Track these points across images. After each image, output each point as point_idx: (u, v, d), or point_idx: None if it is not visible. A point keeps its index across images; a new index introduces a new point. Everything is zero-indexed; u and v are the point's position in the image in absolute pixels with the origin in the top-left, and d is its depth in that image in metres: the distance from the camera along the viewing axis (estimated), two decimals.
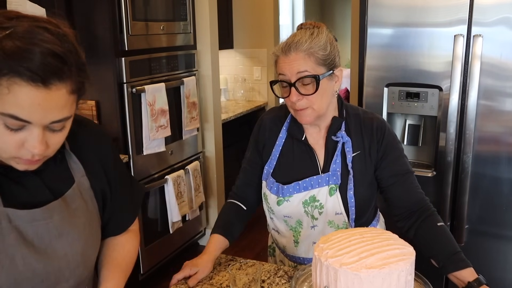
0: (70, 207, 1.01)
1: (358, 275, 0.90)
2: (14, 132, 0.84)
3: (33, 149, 0.86)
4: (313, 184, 1.37)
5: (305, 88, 1.29)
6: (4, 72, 0.79)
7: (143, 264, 2.82)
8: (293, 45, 1.27)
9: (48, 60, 0.80)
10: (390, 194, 1.39)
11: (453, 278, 1.24)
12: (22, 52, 0.79)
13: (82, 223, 1.04)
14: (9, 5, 1.95)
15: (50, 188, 1.00)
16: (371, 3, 2.14)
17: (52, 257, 0.97)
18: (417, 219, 1.34)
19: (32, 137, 0.85)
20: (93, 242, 1.10)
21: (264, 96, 4.24)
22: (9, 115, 0.81)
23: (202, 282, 1.32)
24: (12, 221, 0.92)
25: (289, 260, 1.50)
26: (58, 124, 0.88)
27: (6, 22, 0.82)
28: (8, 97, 0.80)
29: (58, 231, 0.98)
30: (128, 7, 2.51)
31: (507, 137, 2.02)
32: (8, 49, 0.79)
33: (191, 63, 3.12)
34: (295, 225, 1.42)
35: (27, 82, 0.79)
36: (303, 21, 1.40)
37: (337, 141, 1.38)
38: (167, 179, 2.87)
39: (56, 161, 1.01)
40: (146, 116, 2.65)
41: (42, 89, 0.81)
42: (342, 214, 1.37)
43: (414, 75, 2.13)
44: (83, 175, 1.06)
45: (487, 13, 1.95)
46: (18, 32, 0.80)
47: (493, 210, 2.10)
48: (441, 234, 1.30)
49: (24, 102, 0.81)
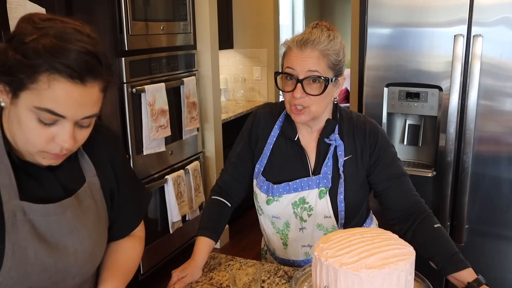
0: (82, 205, 1.04)
1: (358, 275, 0.90)
2: (46, 127, 0.88)
3: (64, 143, 0.90)
4: (303, 185, 1.36)
5: (311, 88, 1.27)
6: (44, 68, 0.83)
7: (143, 264, 2.82)
8: (310, 42, 1.25)
9: (85, 58, 0.85)
10: (386, 198, 1.38)
11: (452, 279, 1.23)
12: (60, 49, 0.83)
13: (92, 221, 1.06)
14: (9, 5, 1.95)
15: (63, 185, 1.03)
16: (371, 3, 2.14)
17: (62, 253, 0.99)
18: (414, 222, 1.33)
19: (64, 131, 0.89)
20: (101, 242, 1.11)
21: (264, 96, 4.24)
22: (45, 109, 0.85)
23: (202, 282, 1.32)
24: (27, 214, 0.94)
25: (278, 263, 1.49)
26: (87, 120, 0.92)
27: (41, 23, 0.86)
28: (47, 92, 0.84)
29: (70, 228, 1.01)
30: (128, 7, 2.51)
31: (507, 137, 2.02)
32: (48, 46, 0.83)
33: (191, 63, 3.12)
34: (283, 227, 1.41)
35: (66, 79, 0.84)
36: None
37: (329, 144, 1.37)
38: (167, 179, 2.87)
39: (70, 160, 1.04)
40: (146, 116, 2.65)
41: (79, 85, 0.86)
42: (331, 218, 1.36)
43: (414, 75, 2.13)
44: (94, 175, 1.08)
45: (487, 13, 1.95)
46: (53, 31, 0.85)
47: (493, 210, 2.10)
48: (438, 236, 1.30)
49: (62, 97, 0.85)
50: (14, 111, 0.89)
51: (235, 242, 3.56)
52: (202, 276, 1.35)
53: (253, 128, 1.46)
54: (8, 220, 0.92)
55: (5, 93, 0.88)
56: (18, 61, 0.84)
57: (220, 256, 1.46)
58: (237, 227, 3.70)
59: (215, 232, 1.42)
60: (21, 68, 0.84)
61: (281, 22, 4.57)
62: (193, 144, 3.22)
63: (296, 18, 6.54)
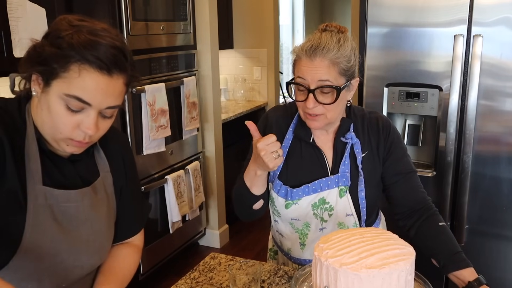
0: (97, 196, 1.10)
1: (358, 275, 0.90)
2: (73, 114, 0.95)
3: (88, 129, 0.97)
4: (323, 186, 1.35)
5: (324, 97, 1.25)
6: (76, 58, 0.92)
7: (143, 264, 2.82)
8: (319, 50, 1.21)
9: (113, 52, 0.94)
10: (393, 193, 1.39)
11: (453, 277, 1.24)
12: (92, 43, 0.93)
13: (105, 214, 1.13)
14: (9, 5, 1.95)
15: (81, 176, 1.09)
16: (371, 3, 2.14)
17: (75, 239, 1.06)
18: (419, 218, 1.34)
19: (88, 119, 0.96)
20: (110, 235, 1.17)
21: (264, 96, 4.24)
22: (74, 96, 0.94)
23: (202, 282, 1.32)
24: (48, 199, 1.01)
25: (293, 263, 1.48)
26: (111, 110, 1.00)
27: (75, 22, 0.96)
28: (77, 81, 0.93)
29: (85, 216, 1.07)
30: (128, 7, 2.51)
31: (507, 137, 2.02)
32: (81, 40, 0.92)
33: (191, 63, 3.12)
34: (302, 227, 1.40)
35: (95, 69, 0.93)
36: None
37: (345, 142, 1.36)
38: (167, 179, 2.87)
39: (88, 154, 1.10)
40: (146, 116, 2.64)
41: (106, 76, 0.94)
42: (353, 215, 1.36)
43: (414, 75, 2.13)
44: (107, 171, 1.15)
45: (487, 13, 1.95)
46: (86, 29, 0.95)
47: (493, 210, 2.10)
48: (442, 234, 1.30)
49: (90, 86, 0.94)
50: (45, 99, 0.96)
51: (235, 242, 3.56)
52: (202, 276, 1.35)
53: (266, 131, 1.42)
54: (30, 204, 0.98)
55: (37, 83, 0.97)
56: (53, 53, 0.93)
57: (220, 256, 1.46)
58: (237, 227, 3.70)
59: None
60: (55, 58, 0.93)
61: (281, 22, 4.58)
62: (193, 144, 3.22)
63: (296, 18, 6.53)
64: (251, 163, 1.29)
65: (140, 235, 1.30)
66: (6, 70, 1.98)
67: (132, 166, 1.25)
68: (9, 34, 1.95)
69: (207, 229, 3.49)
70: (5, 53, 1.95)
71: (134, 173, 1.27)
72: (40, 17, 2.08)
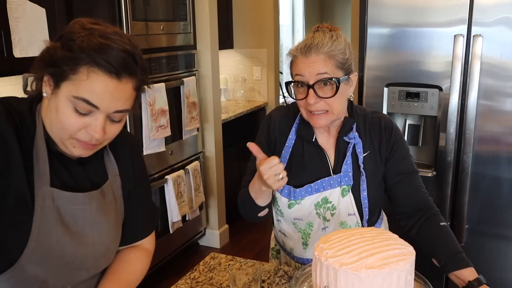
0: (105, 200, 1.10)
1: (358, 275, 0.90)
2: (81, 116, 0.95)
3: (94, 133, 0.96)
4: (325, 185, 1.35)
5: (324, 91, 1.26)
6: (86, 61, 0.92)
7: None
8: (313, 46, 1.24)
9: (123, 56, 0.94)
10: (395, 192, 1.39)
11: (453, 277, 1.24)
12: (102, 47, 0.92)
13: (112, 217, 1.12)
14: (9, 5, 1.95)
15: (90, 179, 1.09)
16: (371, 3, 2.14)
17: (82, 242, 1.05)
18: (420, 218, 1.34)
19: (96, 123, 0.96)
20: (117, 238, 1.16)
21: (264, 96, 4.24)
22: (82, 99, 0.93)
23: (202, 282, 1.32)
24: (55, 200, 1.00)
25: (296, 262, 1.48)
26: (119, 114, 0.99)
27: (88, 25, 0.96)
28: (85, 83, 0.93)
29: (92, 219, 1.07)
30: (128, 7, 2.51)
31: (507, 137, 2.02)
32: (92, 43, 0.92)
33: (191, 63, 3.12)
34: (305, 227, 1.40)
35: (103, 72, 0.92)
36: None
37: (348, 141, 1.36)
38: (167, 179, 2.87)
39: (98, 157, 1.11)
40: (146, 116, 2.64)
41: (115, 80, 0.94)
42: (355, 215, 1.37)
43: (414, 75, 2.13)
44: (116, 174, 1.14)
45: (487, 13, 1.95)
46: (98, 32, 0.95)
47: (493, 210, 2.09)
48: (443, 234, 1.31)
49: (98, 89, 0.93)
50: (54, 101, 0.96)
51: (235, 242, 3.56)
52: (202, 276, 1.35)
53: (269, 131, 1.44)
54: (37, 205, 0.98)
55: (48, 84, 0.97)
56: (65, 55, 0.93)
57: (220, 256, 1.46)
58: (237, 227, 3.70)
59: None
60: (66, 60, 0.93)
61: (281, 22, 4.57)
62: (193, 144, 3.22)
63: (296, 18, 6.53)
64: (257, 178, 1.29)
65: (150, 238, 1.27)
66: (6, 70, 1.99)
67: (141, 169, 1.24)
68: (9, 34, 1.95)
69: (207, 229, 3.49)
70: (5, 53, 1.95)
71: (144, 176, 1.25)
72: (40, 17, 2.08)
